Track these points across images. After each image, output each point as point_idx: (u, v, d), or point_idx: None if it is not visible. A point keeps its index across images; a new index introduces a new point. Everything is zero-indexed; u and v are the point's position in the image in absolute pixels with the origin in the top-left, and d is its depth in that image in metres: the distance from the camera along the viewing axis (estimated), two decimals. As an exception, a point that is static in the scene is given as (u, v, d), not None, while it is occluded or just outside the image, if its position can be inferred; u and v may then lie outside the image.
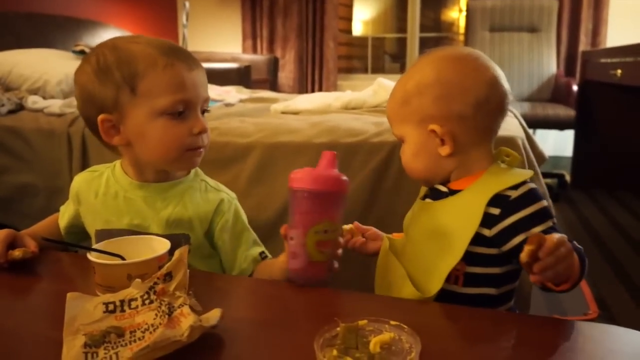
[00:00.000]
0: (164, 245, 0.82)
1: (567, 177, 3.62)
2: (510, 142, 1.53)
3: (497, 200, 0.82)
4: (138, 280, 0.72)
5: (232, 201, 1.02)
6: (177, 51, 0.91)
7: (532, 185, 0.83)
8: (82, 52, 2.73)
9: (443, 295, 0.83)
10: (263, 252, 1.02)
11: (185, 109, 0.91)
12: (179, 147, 0.91)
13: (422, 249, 0.88)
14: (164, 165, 0.95)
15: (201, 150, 0.95)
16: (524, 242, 0.76)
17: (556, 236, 0.67)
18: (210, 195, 1.00)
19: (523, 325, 0.70)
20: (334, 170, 0.84)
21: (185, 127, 0.91)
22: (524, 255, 0.66)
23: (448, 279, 0.84)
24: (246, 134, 1.77)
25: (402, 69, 5.00)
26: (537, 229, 0.78)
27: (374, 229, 1.02)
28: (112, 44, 0.92)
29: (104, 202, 0.98)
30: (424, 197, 0.94)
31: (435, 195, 0.92)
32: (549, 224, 0.79)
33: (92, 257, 0.78)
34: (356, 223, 1.02)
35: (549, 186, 1.68)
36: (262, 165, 1.70)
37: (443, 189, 0.90)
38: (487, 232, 0.82)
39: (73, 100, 2.19)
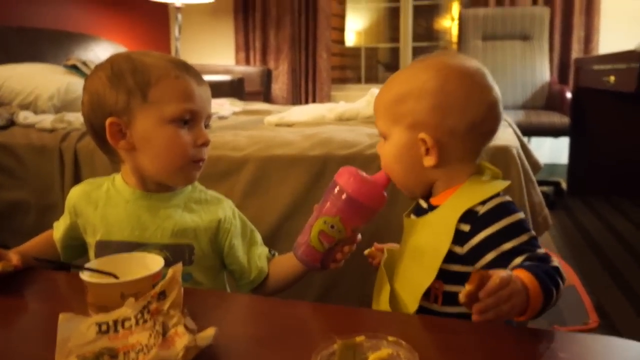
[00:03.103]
0: (157, 262, 0.81)
1: (564, 185, 3.63)
2: (504, 151, 1.54)
3: (468, 216, 0.81)
4: (131, 299, 0.71)
5: (233, 207, 1.05)
6: (187, 67, 0.96)
7: (504, 198, 0.82)
8: (73, 67, 2.73)
9: (424, 314, 0.83)
10: (271, 250, 1.07)
11: (192, 119, 0.94)
12: (183, 156, 0.94)
13: (404, 267, 0.88)
14: (164, 175, 0.96)
15: (201, 164, 0.97)
16: (496, 259, 0.76)
17: (501, 275, 0.65)
18: (212, 205, 1.02)
19: (523, 338, 0.70)
20: (381, 189, 0.89)
21: (190, 137, 0.94)
22: (461, 296, 0.64)
23: (428, 298, 0.84)
24: (240, 147, 1.77)
25: (395, 79, 5.01)
26: (508, 245, 0.77)
27: (391, 245, 1.01)
28: (126, 55, 0.96)
29: (104, 213, 0.99)
30: (409, 214, 0.94)
31: (418, 211, 0.92)
32: (523, 238, 0.77)
33: (84, 276, 0.77)
34: (375, 245, 1.02)
35: (545, 194, 1.69)
36: (256, 178, 1.70)
37: (424, 204, 0.91)
38: (459, 250, 0.81)
39: (65, 115, 2.19)
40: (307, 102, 4.63)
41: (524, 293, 0.67)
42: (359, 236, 0.94)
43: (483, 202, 0.81)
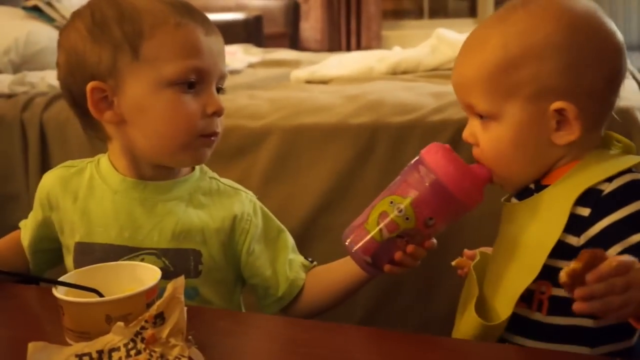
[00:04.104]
0: (152, 274, 0.84)
1: None
2: (622, 114, 1.51)
3: (588, 196, 0.82)
4: (120, 323, 0.74)
5: (254, 201, 1.07)
6: (192, 11, 0.98)
7: (638, 175, 0.83)
8: (35, 9, 2.79)
9: (523, 326, 0.85)
10: (308, 258, 1.08)
11: (199, 80, 0.96)
12: (190, 130, 0.96)
13: (499, 264, 0.90)
14: (164, 155, 0.99)
15: (213, 139, 0.99)
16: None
17: (620, 258, 0.66)
18: (225, 197, 1.05)
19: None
20: (482, 183, 0.89)
21: (198, 105, 0.96)
22: (563, 274, 0.67)
23: (530, 305, 0.86)
24: (258, 114, 1.79)
25: (471, 10, 4.94)
26: (638, 237, 0.77)
27: (486, 249, 1.02)
28: None
29: (85, 207, 1.02)
30: (509, 198, 0.95)
31: (521, 193, 0.93)
32: None
33: (58, 293, 0.80)
34: (465, 252, 1.03)
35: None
36: (281, 156, 1.72)
37: (530, 184, 0.92)
38: (574, 241, 0.83)
39: (26, 76, 2.24)
40: (349, 46, 4.61)
41: None
42: (434, 241, 0.93)
43: (609, 179, 0.83)
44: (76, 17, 0.99)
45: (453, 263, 1.04)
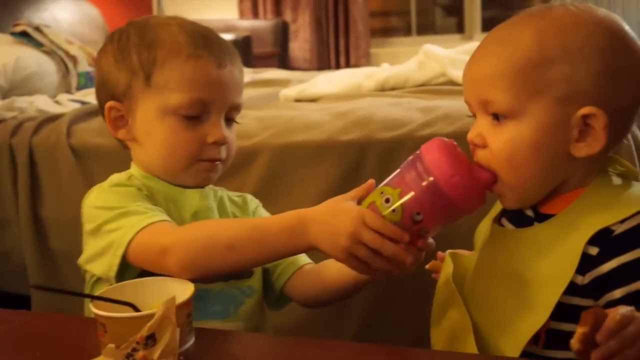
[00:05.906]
0: (183, 288, 0.84)
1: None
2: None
3: (598, 235, 0.79)
4: (111, 345, 0.74)
5: (259, 203, 1.14)
6: (210, 41, 1.02)
7: None
8: (24, 34, 2.81)
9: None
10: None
11: (204, 113, 1.00)
12: (187, 156, 1.01)
13: (497, 295, 0.87)
14: (169, 174, 1.03)
15: (217, 163, 1.03)
16: (625, 300, 0.75)
17: (621, 311, 0.65)
18: (233, 207, 1.11)
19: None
20: (483, 187, 0.85)
21: (197, 134, 1.00)
22: (574, 342, 0.65)
23: None
24: (248, 133, 1.79)
25: (459, 26, 4.97)
26: None
27: (459, 252, 1.01)
28: (142, 23, 1.05)
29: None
30: (499, 218, 0.93)
31: (517, 218, 0.90)
32: None
33: (95, 308, 0.79)
34: (439, 254, 1.01)
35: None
36: (271, 174, 1.73)
37: (528, 211, 0.89)
38: (578, 279, 0.80)
39: (15, 101, 2.25)
40: (338, 64, 4.63)
41: None
42: (431, 241, 0.88)
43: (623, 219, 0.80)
44: (109, 38, 1.07)
45: (427, 266, 1.01)
